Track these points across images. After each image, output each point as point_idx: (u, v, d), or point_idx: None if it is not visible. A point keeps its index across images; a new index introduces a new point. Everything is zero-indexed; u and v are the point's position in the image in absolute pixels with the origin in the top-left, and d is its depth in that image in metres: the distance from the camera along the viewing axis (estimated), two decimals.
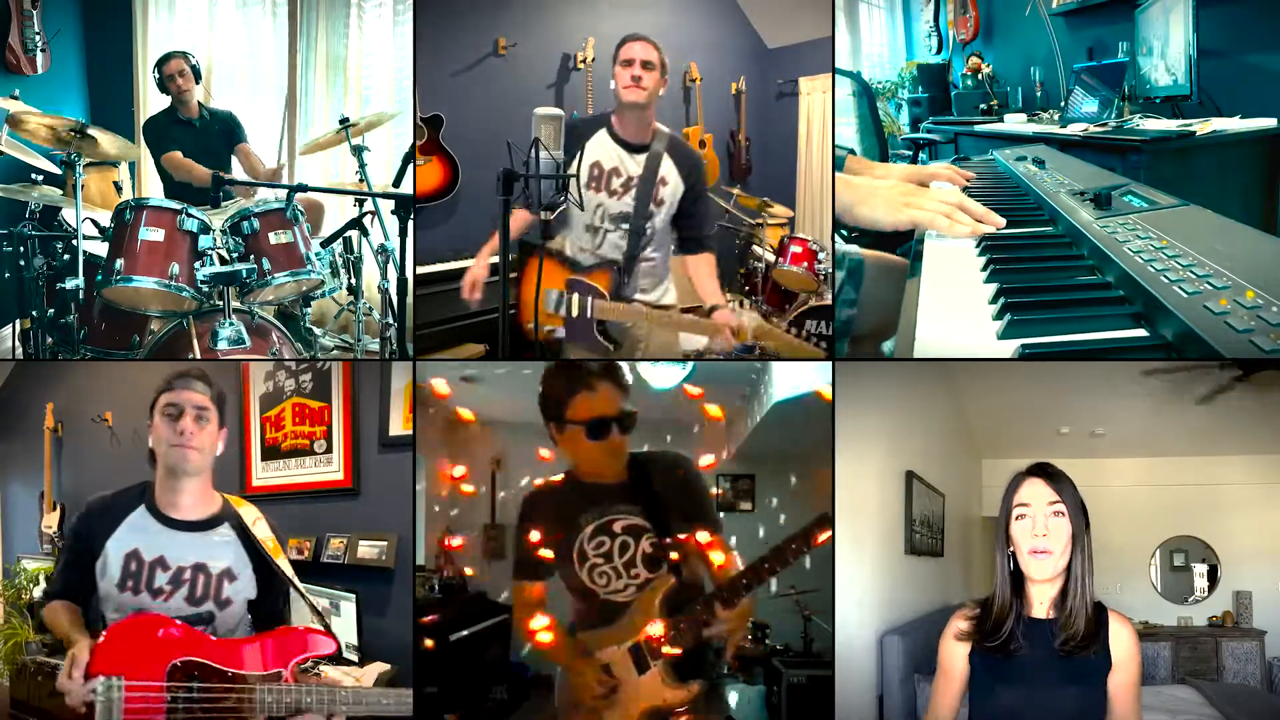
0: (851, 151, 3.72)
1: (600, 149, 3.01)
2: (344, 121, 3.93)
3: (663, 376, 3.95)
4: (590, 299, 3.01)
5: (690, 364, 3.73)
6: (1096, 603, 1.78)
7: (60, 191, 3.69)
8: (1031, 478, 1.80)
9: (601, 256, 3.08)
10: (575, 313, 3.01)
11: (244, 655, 2.01)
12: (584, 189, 2.94)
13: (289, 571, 2.15)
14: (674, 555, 2.15)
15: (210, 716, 1.94)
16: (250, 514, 2.17)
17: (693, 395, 3.87)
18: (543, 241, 2.99)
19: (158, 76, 4.16)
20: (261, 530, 2.15)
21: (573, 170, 2.56)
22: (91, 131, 3.43)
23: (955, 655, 1.83)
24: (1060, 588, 1.77)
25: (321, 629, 2.11)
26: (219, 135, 4.27)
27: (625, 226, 3.07)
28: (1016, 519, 1.78)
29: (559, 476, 2.28)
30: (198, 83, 4.18)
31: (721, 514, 4.64)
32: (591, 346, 3.03)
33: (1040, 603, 1.78)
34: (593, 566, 2.19)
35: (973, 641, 1.81)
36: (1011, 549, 1.78)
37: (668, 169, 3.04)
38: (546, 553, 2.23)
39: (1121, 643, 1.76)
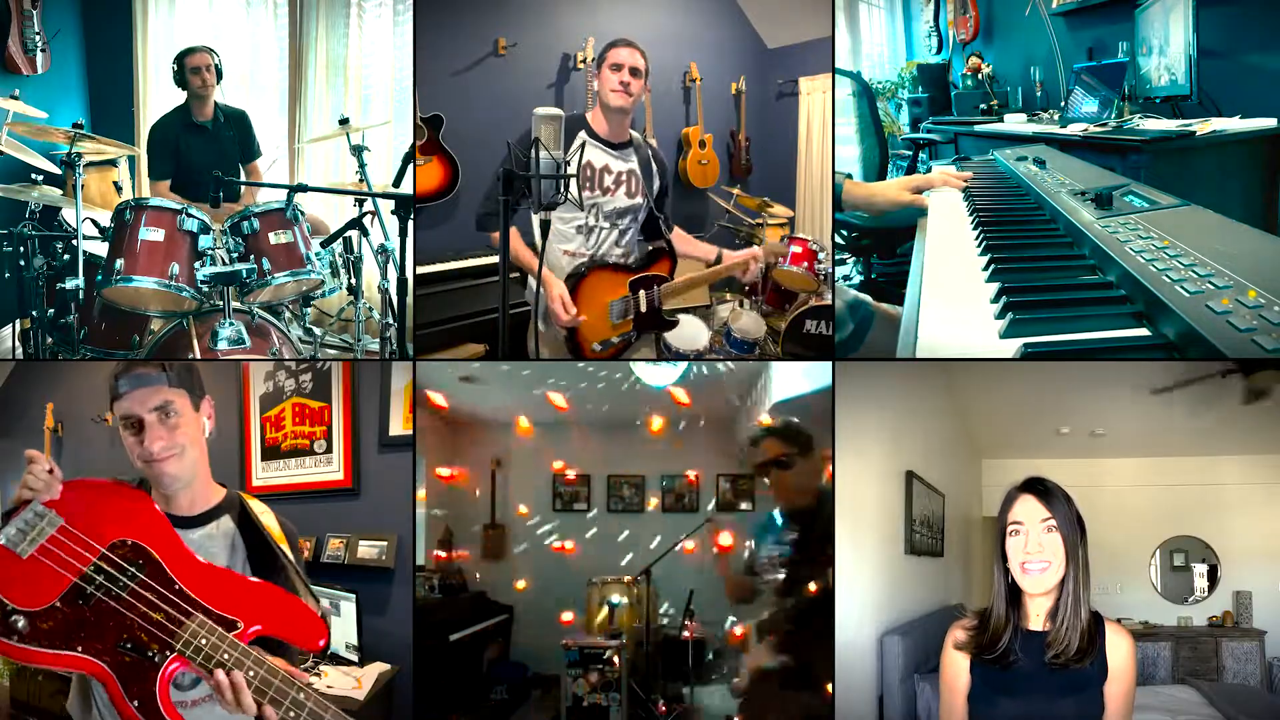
0: (849, 176, 3.76)
1: (587, 149, 3.06)
2: (344, 122, 3.93)
3: (657, 375, 3.95)
4: (655, 289, 3.17)
5: (684, 363, 3.74)
6: (1094, 613, 1.78)
7: (60, 191, 3.69)
8: (1024, 494, 1.80)
9: (598, 255, 3.11)
10: (644, 308, 3.16)
11: (208, 580, 1.67)
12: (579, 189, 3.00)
13: (291, 556, 1.91)
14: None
15: (124, 616, 1.61)
16: (259, 506, 1.96)
17: (680, 402, 4.02)
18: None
19: (176, 69, 4.01)
20: (268, 520, 1.94)
21: (571, 170, 2.57)
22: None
23: (957, 666, 1.83)
24: (1053, 601, 1.77)
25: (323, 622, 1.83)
26: (231, 140, 4.17)
27: (620, 223, 3.13)
28: (1010, 535, 1.78)
29: None
30: (218, 82, 4.07)
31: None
32: (660, 330, 3.28)
33: (1036, 615, 1.79)
34: None
35: (972, 653, 1.81)
36: (1007, 563, 1.79)
37: (654, 168, 3.19)
38: None
39: (1119, 653, 1.77)
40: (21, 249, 3.44)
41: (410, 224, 3.13)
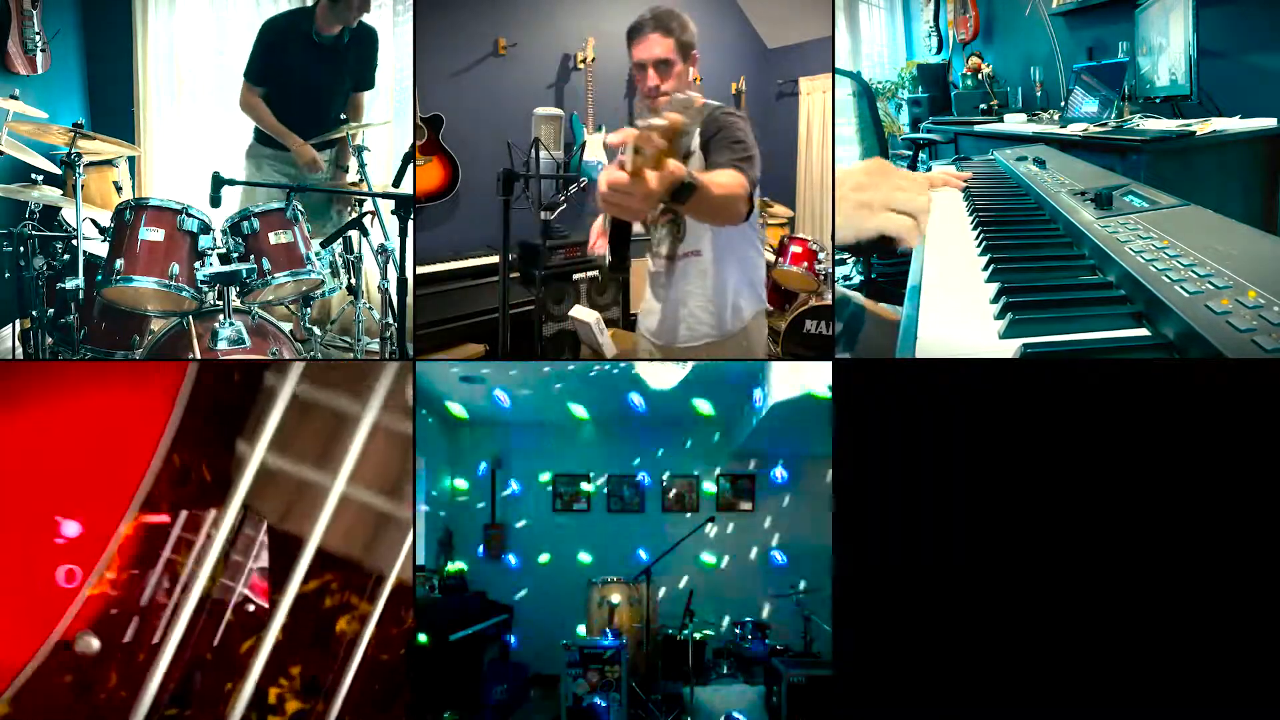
0: None
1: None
2: (344, 122, 3.93)
3: (662, 378, 3.95)
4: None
5: (690, 364, 3.74)
6: None
7: (60, 191, 3.69)
8: None
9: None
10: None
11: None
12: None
13: None
14: None
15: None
16: None
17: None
18: (542, 242, 2.89)
19: None
20: None
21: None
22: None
23: None
24: None
25: None
26: (352, 63, 3.90)
27: (661, 220, 2.82)
28: None
29: None
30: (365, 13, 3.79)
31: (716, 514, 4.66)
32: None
33: None
34: None
35: None
36: None
37: (694, 140, 2.70)
38: None
39: None
40: (21, 249, 3.45)
41: (410, 224, 3.13)
